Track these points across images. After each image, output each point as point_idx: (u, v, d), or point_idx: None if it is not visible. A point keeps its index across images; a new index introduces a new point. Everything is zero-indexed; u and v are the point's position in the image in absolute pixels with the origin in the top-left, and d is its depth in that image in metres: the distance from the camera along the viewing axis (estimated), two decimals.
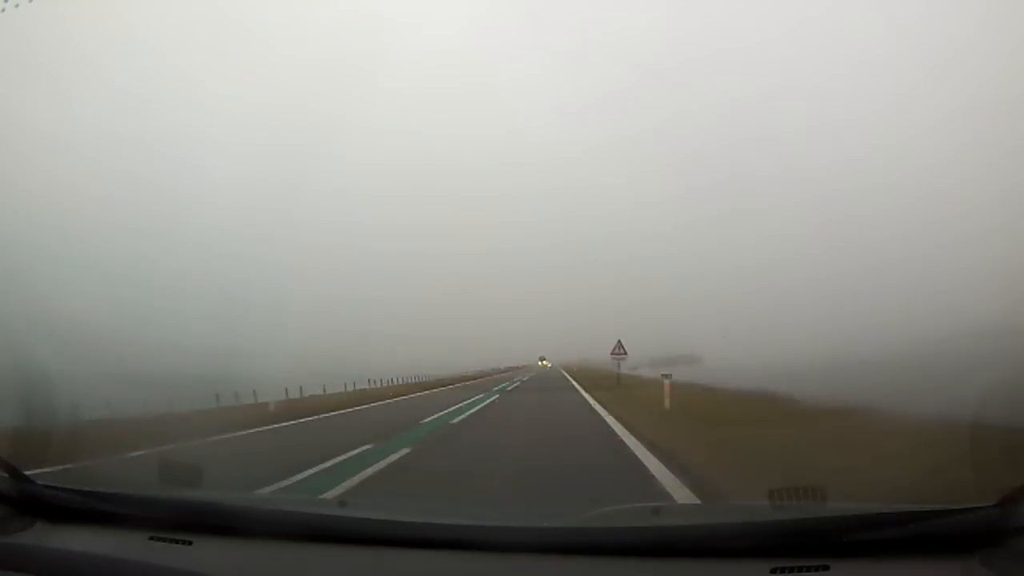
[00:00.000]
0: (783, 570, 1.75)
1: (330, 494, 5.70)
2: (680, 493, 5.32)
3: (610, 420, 11.97)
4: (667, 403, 13.10)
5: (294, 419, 13.64)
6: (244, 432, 11.07)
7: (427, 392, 24.34)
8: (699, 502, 4.99)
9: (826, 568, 1.74)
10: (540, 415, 14.94)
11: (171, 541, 2.17)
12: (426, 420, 12.86)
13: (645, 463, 7.02)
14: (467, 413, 14.67)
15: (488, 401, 18.67)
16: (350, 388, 26.13)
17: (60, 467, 6.19)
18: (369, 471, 6.92)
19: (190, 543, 2.16)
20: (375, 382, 29.27)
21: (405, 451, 8.39)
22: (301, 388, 22.88)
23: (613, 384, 21.69)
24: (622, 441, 9.05)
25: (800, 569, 1.75)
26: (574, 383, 28.92)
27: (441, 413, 14.33)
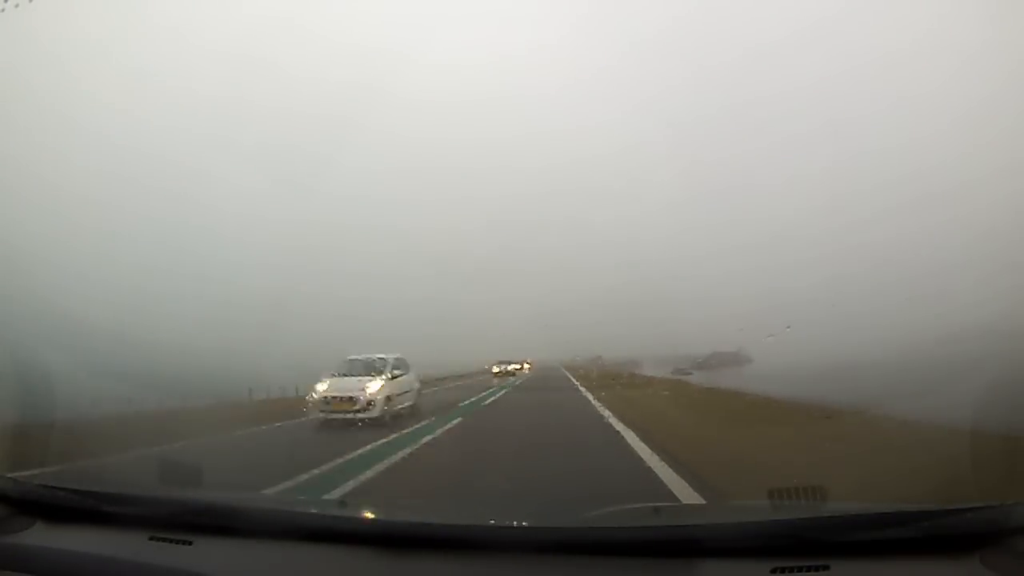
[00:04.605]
0: (783, 570, 1.75)
1: None
2: None
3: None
4: None
5: None
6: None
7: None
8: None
9: (826, 568, 1.74)
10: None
11: (171, 541, 2.17)
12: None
13: None
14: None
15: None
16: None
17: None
18: None
19: (190, 543, 2.15)
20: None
21: None
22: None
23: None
24: None
25: (800, 569, 1.75)
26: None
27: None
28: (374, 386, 12.57)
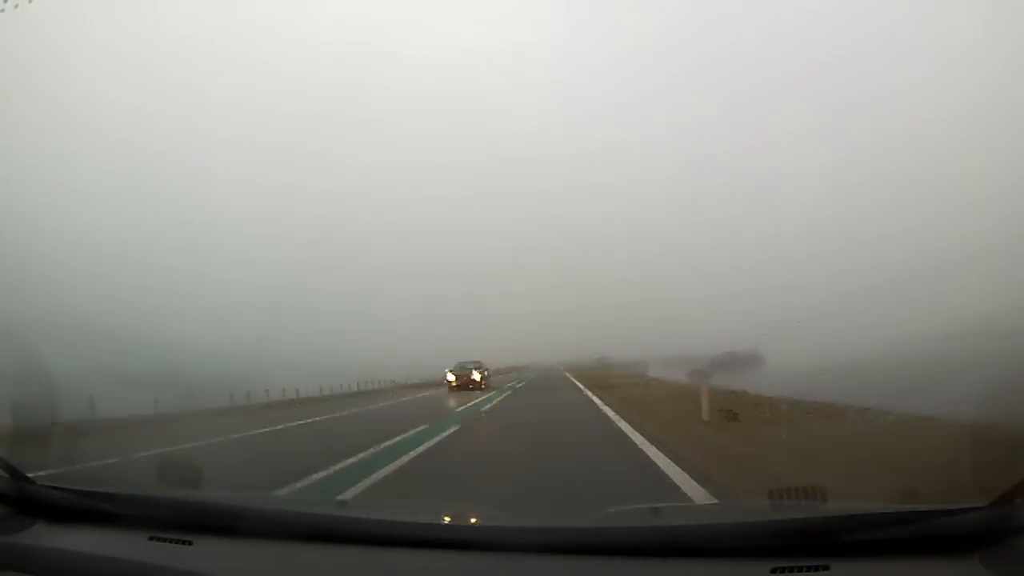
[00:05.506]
0: (783, 570, 1.74)
1: None
2: None
3: None
4: None
5: None
6: None
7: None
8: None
9: (826, 568, 1.74)
10: None
11: (171, 541, 2.17)
12: None
13: None
14: None
15: None
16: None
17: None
18: None
19: (190, 543, 2.16)
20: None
21: None
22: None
23: None
24: None
25: (800, 569, 1.75)
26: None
27: None
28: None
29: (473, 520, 2.58)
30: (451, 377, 26.38)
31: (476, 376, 26.27)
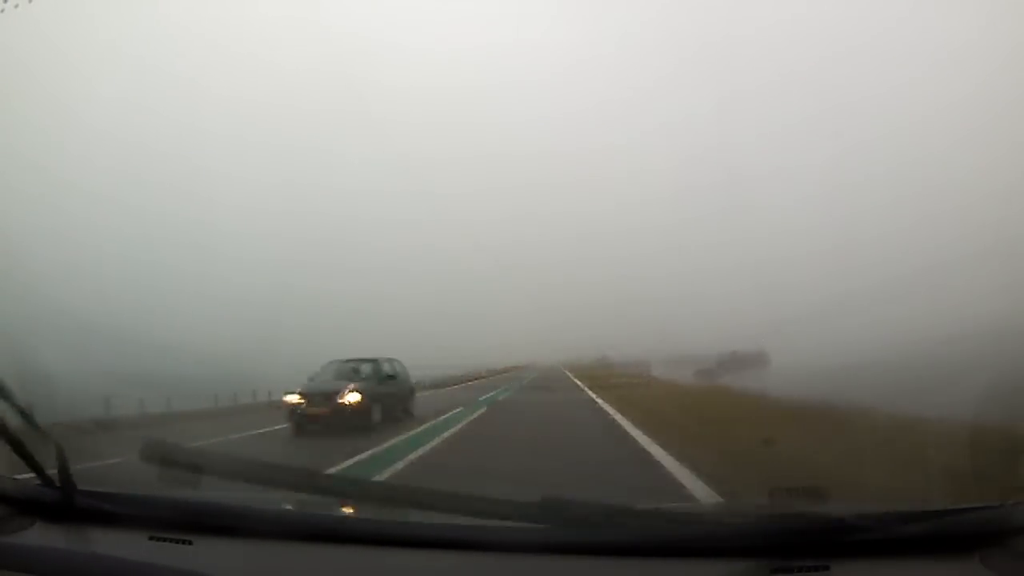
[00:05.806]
0: (783, 570, 1.75)
1: None
2: None
3: None
4: None
5: None
6: None
7: None
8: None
9: (826, 568, 1.74)
10: None
11: (171, 541, 2.17)
12: None
13: None
14: None
15: None
16: None
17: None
18: None
19: (190, 543, 2.16)
20: None
21: None
22: None
23: None
24: None
25: (800, 569, 1.75)
26: None
27: None
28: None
29: (473, 520, 2.58)
30: (293, 400, 12.72)
31: (350, 399, 12.43)
